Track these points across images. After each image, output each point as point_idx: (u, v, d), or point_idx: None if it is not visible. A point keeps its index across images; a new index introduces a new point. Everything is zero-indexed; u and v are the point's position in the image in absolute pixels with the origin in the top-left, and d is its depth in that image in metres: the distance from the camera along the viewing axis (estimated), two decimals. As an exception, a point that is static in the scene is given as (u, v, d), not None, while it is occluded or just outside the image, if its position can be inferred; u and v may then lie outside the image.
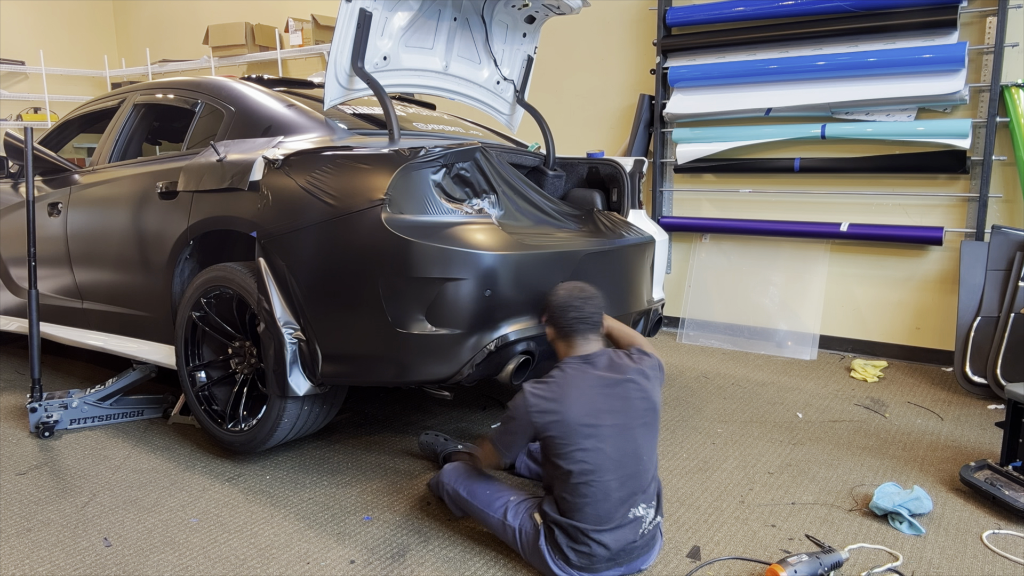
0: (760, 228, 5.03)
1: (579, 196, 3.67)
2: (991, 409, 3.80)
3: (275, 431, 2.97)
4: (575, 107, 5.78)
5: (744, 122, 5.01)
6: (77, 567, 2.37)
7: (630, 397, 2.26)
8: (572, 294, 2.39)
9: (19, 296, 4.47)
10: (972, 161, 4.35)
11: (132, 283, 3.59)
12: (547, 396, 2.23)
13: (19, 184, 4.40)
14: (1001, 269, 4.09)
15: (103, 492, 2.90)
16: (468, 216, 2.77)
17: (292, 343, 2.82)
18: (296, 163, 2.87)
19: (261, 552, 2.45)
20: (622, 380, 2.27)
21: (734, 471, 3.05)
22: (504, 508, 2.36)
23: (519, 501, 2.37)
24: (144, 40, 8.44)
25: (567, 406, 2.20)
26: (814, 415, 3.71)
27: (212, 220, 3.13)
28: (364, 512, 2.71)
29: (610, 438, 2.20)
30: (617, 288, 3.22)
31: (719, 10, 4.91)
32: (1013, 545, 2.47)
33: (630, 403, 2.26)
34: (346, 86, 3.15)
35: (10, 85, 7.89)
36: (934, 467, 3.08)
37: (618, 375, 2.28)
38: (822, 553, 2.22)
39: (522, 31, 3.75)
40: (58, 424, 3.50)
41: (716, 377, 4.36)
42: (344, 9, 3.02)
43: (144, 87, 4.00)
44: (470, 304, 2.62)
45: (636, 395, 2.27)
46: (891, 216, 4.68)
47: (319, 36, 6.56)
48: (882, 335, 4.80)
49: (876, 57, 4.41)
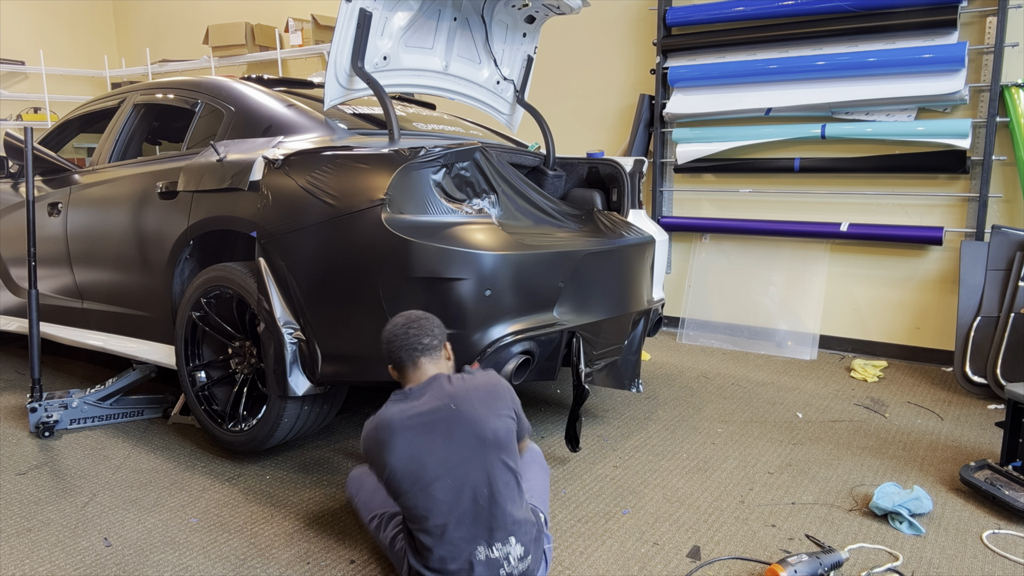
0: (760, 228, 5.03)
1: (579, 196, 3.67)
2: (991, 409, 3.80)
3: (275, 431, 2.97)
4: (575, 107, 5.78)
5: (744, 122, 5.01)
6: (77, 567, 2.37)
7: (454, 430, 2.01)
8: (396, 323, 2.21)
9: (19, 296, 4.47)
10: (972, 161, 4.35)
11: (132, 283, 3.59)
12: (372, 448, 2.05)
13: (19, 184, 4.40)
14: (1001, 269, 4.09)
15: (103, 492, 2.90)
16: (468, 216, 2.77)
17: (292, 343, 2.82)
18: (296, 163, 2.87)
19: (261, 552, 2.45)
20: (442, 411, 2.03)
21: (734, 471, 3.05)
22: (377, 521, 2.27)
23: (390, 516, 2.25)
24: (144, 40, 8.44)
25: (388, 454, 2.00)
26: (814, 415, 3.71)
27: (212, 220, 3.13)
28: (364, 512, 2.71)
29: (437, 480, 1.98)
30: (617, 288, 3.23)
31: (719, 10, 4.91)
32: (1013, 545, 2.47)
33: (455, 438, 2.01)
34: (346, 86, 3.16)
35: (10, 85, 7.90)
36: (934, 467, 3.08)
37: (439, 404, 2.04)
38: (822, 553, 2.22)
39: (522, 31, 3.75)
40: (58, 424, 3.50)
41: (716, 377, 4.36)
42: (344, 9, 3.03)
43: (144, 87, 4.00)
44: (470, 304, 2.62)
45: (463, 428, 2.02)
46: (891, 216, 4.68)
47: (319, 36, 6.56)
48: (882, 335, 4.80)
49: (876, 57, 4.41)
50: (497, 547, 2.00)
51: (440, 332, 2.24)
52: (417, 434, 2.02)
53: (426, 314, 2.26)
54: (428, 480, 1.99)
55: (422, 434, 2.02)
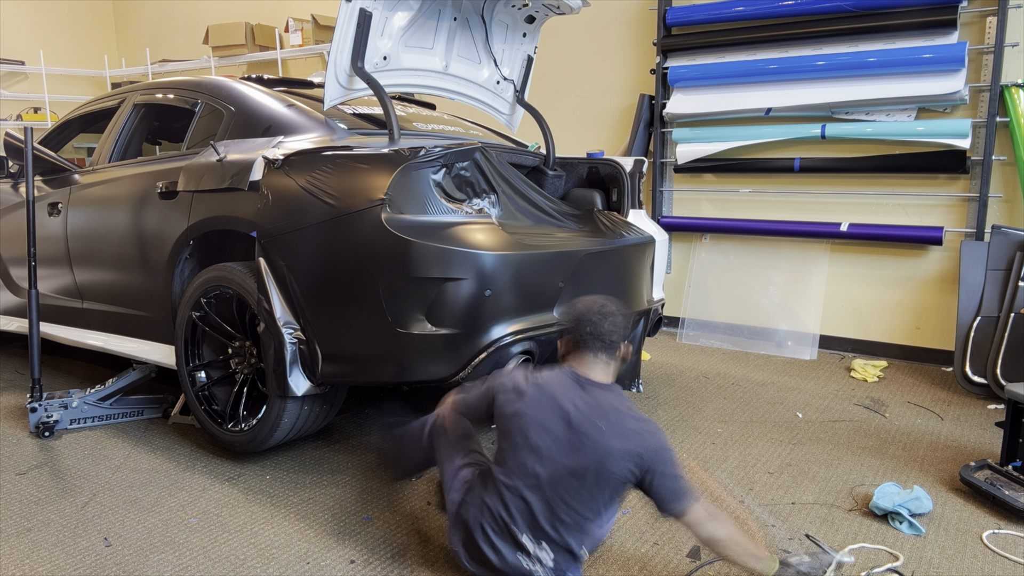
0: (760, 228, 5.03)
1: (579, 196, 3.67)
2: (991, 409, 3.80)
3: (275, 431, 2.97)
4: (575, 107, 5.78)
5: (744, 122, 5.01)
6: (77, 567, 2.37)
7: (584, 443, 2.06)
8: (594, 306, 2.22)
9: (19, 296, 4.47)
10: (972, 161, 4.35)
11: (132, 283, 3.59)
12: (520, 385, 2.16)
13: (19, 184, 4.40)
14: (1001, 269, 4.09)
15: (103, 492, 2.90)
16: (468, 216, 2.77)
17: (292, 343, 2.82)
18: (296, 163, 2.87)
19: (261, 552, 2.45)
20: (591, 425, 2.07)
21: (734, 471, 3.05)
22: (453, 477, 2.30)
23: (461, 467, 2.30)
24: (144, 40, 8.44)
25: (529, 403, 2.12)
26: (814, 415, 3.71)
27: (212, 220, 3.13)
28: (364, 512, 2.71)
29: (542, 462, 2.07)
30: (617, 288, 3.22)
31: (719, 10, 4.91)
32: (1013, 545, 2.47)
33: (581, 448, 2.06)
34: (346, 86, 3.15)
35: (10, 85, 7.89)
36: (934, 467, 3.08)
37: (593, 418, 2.08)
38: (822, 553, 2.22)
39: (522, 31, 3.75)
40: (58, 424, 3.50)
41: (716, 377, 4.36)
42: (344, 9, 3.02)
43: (144, 87, 4.00)
44: (470, 304, 2.62)
45: (591, 448, 2.05)
46: (891, 216, 4.68)
47: (319, 36, 6.56)
48: (882, 335, 4.80)
49: (876, 57, 4.41)
50: (530, 539, 2.08)
51: (625, 331, 2.27)
52: (560, 419, 2.09)
53: (622, 308, 2.27)
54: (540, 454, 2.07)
55: (563, 424, 2.08)
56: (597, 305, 2.23)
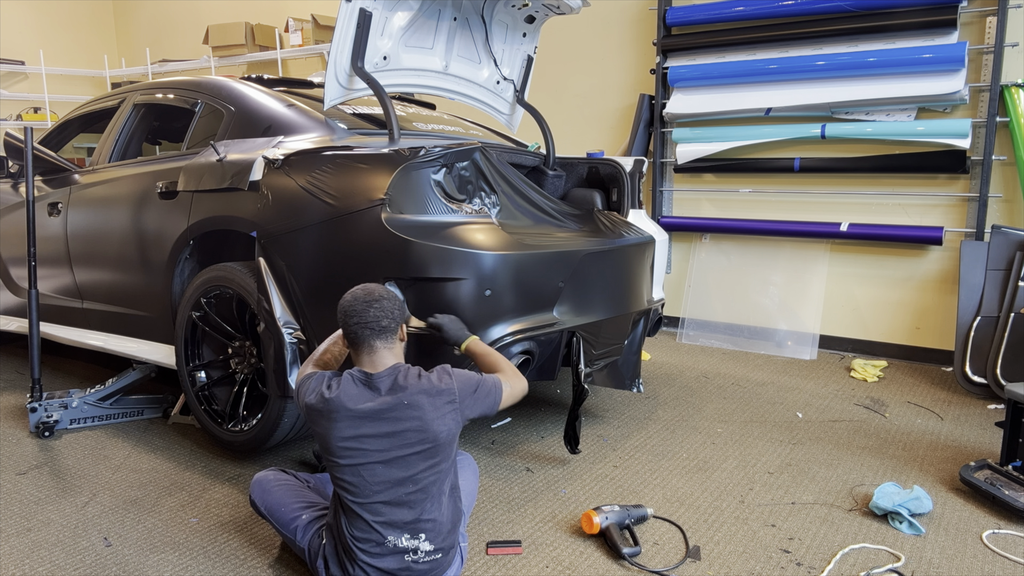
0: (760, 228, 5.03)
1: (579, 196, 3.67)
2: (991, 409, 3.80)
3: (275, 431, 2.97)
4: (575, 107, 5.78)
5: (744, 122, 5.01)
6: (77, 567, 2.37)
7: (401, 425, 2.05)
8: (357, 296, 2.15)
9: (19, 296, 4.47)
10: (972, 161, 4.35)
11: (132, 283, 3.59)
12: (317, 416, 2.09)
13: (19, 184, 4.40)
14: (1001, 269, 4.09)
15: (103, 492, 2.90)
16: (468, 216, 2.77)
17: (292, 343, 2.82)
18: (296, 163, 2.87)
19: (261, 552, 2.45)
20: (395, 404, 2.05)
21: (734, 471, 3.05)
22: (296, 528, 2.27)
23: (309, 520, 2.27)
24: (144, 40, 8.44)
25: (332, 423, 2.06)
26: (814, 415, 3.71)
27: (212, 220, 3.13)
28: (364, 512, 2.71)
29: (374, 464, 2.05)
30: (617, 288, 3.23)
31: (719, 10, 4.91)
32: (1013, 545, 2.47)
33: (400, 433, 2.05)
34: (346, 86, 3.16)
35: (10, 85, 7.90)
36: (934, 467, 3.08)
37: (392, 397, 2.06)
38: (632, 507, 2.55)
39: (522, 31, 3.75)
40: (58, 424, 3.50)
41: (716, 377, 4.36)
42: (344, 9, 3.03)
43: (144, 87, 4.00)
44: (470, 304, 2.62)
45: (410, 423, 2.05)
46: (891, 216, 4.68)
47: (319, 36, 6.57)
48: (882, 335, 4.80)
49: (876, 57, 4.41)
50: (406, 537, 2.08)
51: (399, 314, 2.19)
52: (365, 421, 2.06)
53: (388, 292, 2.18)
54: (365, 462, 2.06)
55: (369, 421, 2.06)
56: (361, 294, 2.16)
